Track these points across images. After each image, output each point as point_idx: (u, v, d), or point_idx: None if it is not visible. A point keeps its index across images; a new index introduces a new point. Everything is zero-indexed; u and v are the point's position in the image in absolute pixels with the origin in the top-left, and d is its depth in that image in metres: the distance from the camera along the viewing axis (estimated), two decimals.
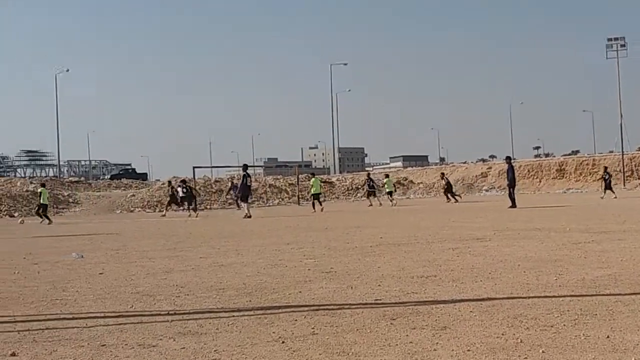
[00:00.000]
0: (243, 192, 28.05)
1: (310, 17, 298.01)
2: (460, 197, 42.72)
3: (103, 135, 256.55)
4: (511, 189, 28.12)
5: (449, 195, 41.34)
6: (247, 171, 28.37)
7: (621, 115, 65.86)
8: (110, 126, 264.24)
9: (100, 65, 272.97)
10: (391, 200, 39.06)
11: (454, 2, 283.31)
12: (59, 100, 79.90)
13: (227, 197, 47.69)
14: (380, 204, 38.76)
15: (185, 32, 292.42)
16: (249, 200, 28.28)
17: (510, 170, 28.82)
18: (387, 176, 43.47)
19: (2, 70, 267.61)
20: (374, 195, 40.32)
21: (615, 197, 34.66)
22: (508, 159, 30.78)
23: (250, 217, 26.75)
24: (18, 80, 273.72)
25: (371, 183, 41.17)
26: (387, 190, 40.46)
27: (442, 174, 46.36)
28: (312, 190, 34.73)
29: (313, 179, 35.57)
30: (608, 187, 37.07)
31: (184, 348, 4.70)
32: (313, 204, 33.63)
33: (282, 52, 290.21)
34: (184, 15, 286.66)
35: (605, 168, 41.42)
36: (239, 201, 28.05)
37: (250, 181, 28.07)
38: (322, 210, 31.97)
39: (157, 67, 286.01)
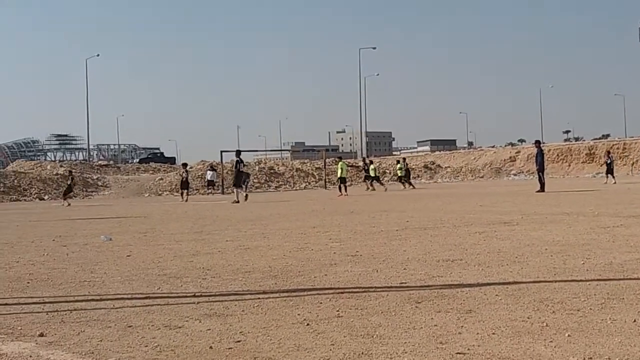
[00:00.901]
0: (236, 177, 28.62)
1: (338, 1, 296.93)
2: (414, 185, 42.67)
3: (132, 119, 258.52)
4: (540, 173, 27.90)
5: (404, 182, 41.62)
6: (240, 157, 28.74)
7: None
8: (139, 111, 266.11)
9: (130, 50, 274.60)
10: (382, 184, 40.29)
11: None
12: (90, 85, 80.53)
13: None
14: (374, 188, 39.34)
15: (213, 16, 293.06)
16: (244, 185, 28.94)
17: (540, 154, 28.59)
18: (371, 162, 43.99)
19: (35, 55, 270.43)
20: (368, 180, 41.35)
21: (615, 182, 34.13)
22: (537, 142, 30.52)
23: (238, 202, 27.28)
24: (50, 64, 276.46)
25: (367, 167, 42.23)
26: (372, 175, 41.42)
27: (403, 159, 46.20)
28: (338, 174, 34.74)
29: (340, 162, 35.57)
30: (609, 171, 36.31)
31: (210, 329, 4.74)
32: (339, 188, 33.66)
33: (311, 35, 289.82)
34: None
35: (608, 152, 40.57)
36: (239, 186, 28.62)
37: (243, 166, 28.77)
38: (346, 195, 31.94)
39: (186, 52, 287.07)
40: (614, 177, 35.96)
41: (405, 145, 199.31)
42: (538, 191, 26.47)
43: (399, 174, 42.62)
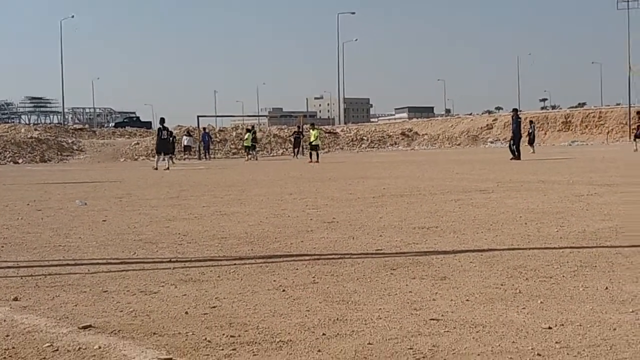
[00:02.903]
0: (157, 145, 28.81)
1: None
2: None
3: (108, 83, 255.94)
4: (512, 141, 28.12)
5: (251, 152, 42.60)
6: (164, 124, 29.03)
7: (630, 68, 65.31)
8: (115, 74, 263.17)
9: (107, 12, 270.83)
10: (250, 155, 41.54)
11: None
12: (65, 47, 79.46)
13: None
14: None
15: None
16: (169, 153, 29.11)
17: (514, 122, 28.79)
18: (248, 130, 44.68)
19: (9, 18, 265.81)
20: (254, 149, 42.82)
21: (533, 152, 33.76)
22: (514, 110, 30.70)
23: (156, 169, 27.23)
24: (24, 27, 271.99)
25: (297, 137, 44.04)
26: (245, 144, 42.83)
27: (252, 126, 47.64)
28: (310, 141, 34.63)
29: (313, 130, 35.32)
30: (531, 141, 35.66)
31: (185, 295, 4.74)
32: (310, 154, 33.60)
33: (289, 0, 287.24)
34: None
35: (531, 122, 39.96)
36: (160, 153, 28.74)
37: (167, 134, 29.00)
38: (317, 162, 31.79)
39: (161, 17, 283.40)
40: (533, 147, 35.35)
41: (383, 112, 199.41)
42: (512, 159, 26.72)
43: (246, 144, 43.13)
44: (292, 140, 45.22)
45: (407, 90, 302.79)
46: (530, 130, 36.93)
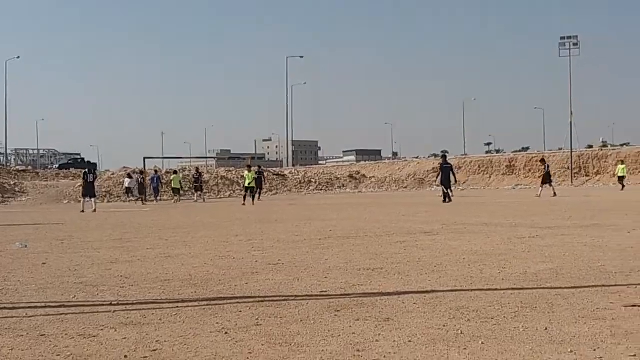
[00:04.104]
0: (84, 188, 29.83)
1: (266, 9, 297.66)
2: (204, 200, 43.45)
3: (52, 123, 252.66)
4: (442, 186, 28.72)
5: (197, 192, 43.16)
6: (89, 168, 30.37)
7: (571, 113, 67.04)
8: (60, 115, 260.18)
9: (51, 52, 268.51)
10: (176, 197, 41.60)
11: None
12: (8, 88, 78.23)
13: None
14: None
15: (137, 22, 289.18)
16: (95, 196, 30.02)
17: (440, 167, 29.37)
18: (175, 172, 45.99)
19: None
20: (201, 190, 43.40)
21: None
22: (443, 157, 31.13)
23: (82, 212, 27.75)
24: None
25: (198, 178, 43.95)
26: (173, 186, 42.68)
27: (197, 168, 49.00)
28: (245, 183, 34.43)
29: (246, 172, 35.06)
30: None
31: (125, 338, 4.65)
32: (244, 197, 33.41)
33: (238, 43, 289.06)
34: (136, 4, 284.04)
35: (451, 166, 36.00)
36: (85, 195, 29.90)
37: (92, 178, 29.70)
38: (253, 204, 31.92)
39: (108, 56, 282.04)
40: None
41: (332, 155, 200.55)
42: (445, 201, 27.25)
43: (173, 186, 43.16)
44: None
45: (355, 133, 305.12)
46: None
